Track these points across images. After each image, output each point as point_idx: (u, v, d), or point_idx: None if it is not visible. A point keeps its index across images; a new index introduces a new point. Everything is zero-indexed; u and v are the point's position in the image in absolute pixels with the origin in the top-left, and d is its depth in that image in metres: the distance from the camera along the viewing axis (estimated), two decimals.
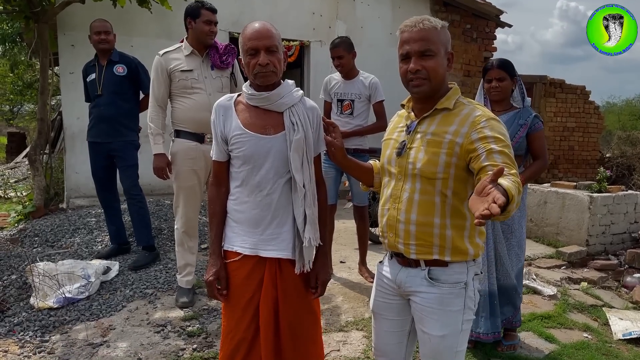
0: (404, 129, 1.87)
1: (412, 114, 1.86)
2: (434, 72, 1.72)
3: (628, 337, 3.55)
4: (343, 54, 3.99)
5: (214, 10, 3.53)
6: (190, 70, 3.48)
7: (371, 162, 2.12)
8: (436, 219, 1.75)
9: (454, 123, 1.72)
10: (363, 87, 4.06)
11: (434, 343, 1.78)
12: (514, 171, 1.53)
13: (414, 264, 1.82)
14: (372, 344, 2.07)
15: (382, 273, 1.97)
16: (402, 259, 1.86)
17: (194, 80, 3.48)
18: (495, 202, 1.27)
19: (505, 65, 3.06)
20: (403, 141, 1.83)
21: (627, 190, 5.74)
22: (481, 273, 1.87)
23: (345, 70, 4.07)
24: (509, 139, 1.66)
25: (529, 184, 3.12)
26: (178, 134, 3.54)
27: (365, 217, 4.31)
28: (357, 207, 4.26)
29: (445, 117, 1.76)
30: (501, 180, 1.42)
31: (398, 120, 1.96)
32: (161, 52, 3.52)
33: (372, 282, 4.06)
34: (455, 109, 1.76)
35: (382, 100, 4.09)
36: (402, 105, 1.95)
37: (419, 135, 1.79)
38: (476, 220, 1.27)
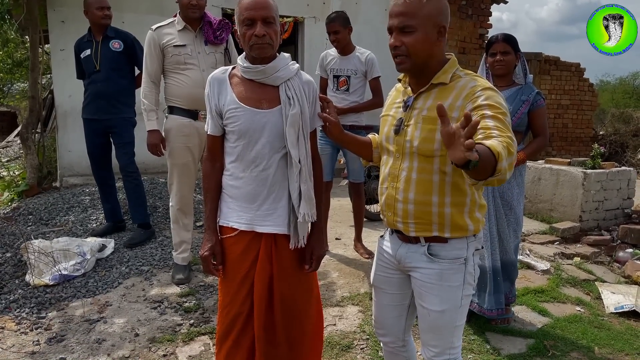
0: (401, 105, 1.83)
1: (409, 89, 1.82)
2: (413, 48, 1.67)
3: (620, 311, 3.60)
4: (339, 28, 3.94)
5: None
6: (184, 46, 3.42)
7: (370, 135, 2.10)
8: (434, 198, 1.73)
9: (450, 97, 1.68)
10: (359, 63, 4.03)
11: (433, 318, 1.78)
12: (507, 134, 1.50)
13: (414, 240, 1.81)
14: (372, 317, 2.09)
15: (383, 248, 1.97)
16: (402, 235, 1.85)
17: (187, 56, 3.42)
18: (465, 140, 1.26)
19: (510, 40, 3.03)
20: (400, 118, 1.80)
21: (620, 167, 5.77)
22: (482, 248, 1.86)
23: (341, 46, 4.02)
24: (507, 109, 1.64)
25: (528, 160, 3.13)
26: (171, 110, 3.50)
27: (361, 194, 4.31)
28: (353, 183, 4.26)
29: (441, 91, 1.72)
30: (488, 141, 1.42)
31: (396, 95, 1.92)
32: (154, 26, 3.45)
33: (368, 258, 4.11)
34: (452, 82, 1.71)
35: (379, 77, 4.06)
36: (399, 80, 1.91)
37: (415, 112, 1.75)
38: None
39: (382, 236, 2.03)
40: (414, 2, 1.65)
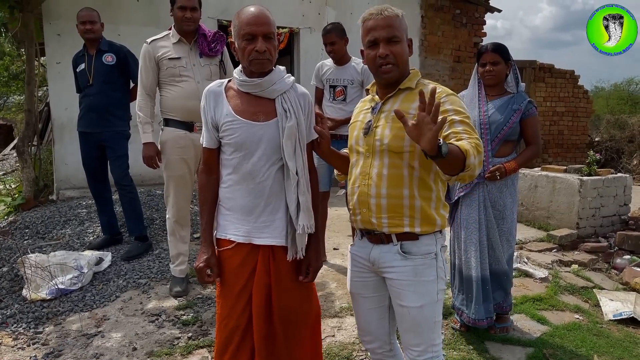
0: (369, 111, 1.99)
1: (377, 96, 1.99)
2: (400, 57, 1.85)
3: (618, 318, 3.59)
4: (335, 40, 3.97)
5: None
6: (178, 58, 3.43)
7: (345, 150, 2.18)
8: (405, 190, 1.85)
9: (416, 100, 1.75)
10: (355, 72, 4.05)
11: (412, 315, 1.86)
12: (474, 135, 1.73)
13: (386, 239, 1.91)
14: (357, 326, 2.14)
15: (355, 253, 2.06)
16: (372, 236, 1.95)
17: (182, 68, 3.43)
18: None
19: (500, 49, 3.05)
20: (369, 121, 1.95)
21: (616, 174, 5.79)
22: (446, 246, 1.97)
23: (338, 57, 4.05)
24: (469, 118, 1.82)
25: (520, 169, 3.15)
26: (167, 122, 3.51)
27: None
28: None
29: (407, 95, 1.89)
30: (459, 142, 1.65)
31: (362, 105, 2.09)
32: (149, 39, 3.47)
33: None
34: (417, 88, 1.87)
35: None
36: (367, 91, 2.08)
37: (383, 114, 1.92)
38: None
39: (352, 244, 2.12)
40: (392, 16, 1.86)
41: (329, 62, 4.17)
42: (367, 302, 2.05)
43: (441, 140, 1.55)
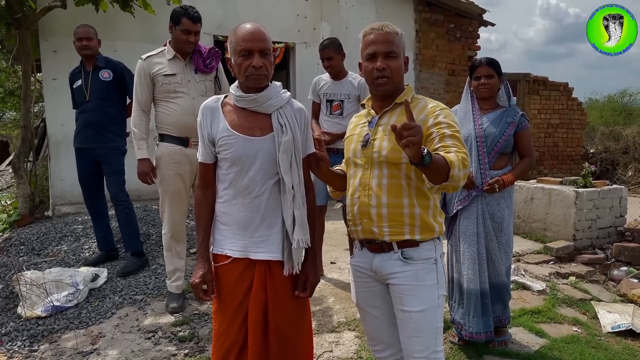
0: (366, 124, 2.04)
1: (373, 111, 2.05)
2: (396, 71, 1.95)
3: (617, 330, 3.58)
4: (333, 55, 4.01)
5: (195, 20, 3.43)
6: (174, 75, 3.44)
7: (339, 167, 2.23)
8: (405, 200, 1.92)
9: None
10: (352, 87, 4.08)
11: (415, 319, 1.90)
12: (463, 150, 1.81)
13: (387, 247, 1.95)
14: (366, 336, 2.15)
15: (356, 264, 2.09)
16: (373, 246, 1.99)
17: (177, 85, 3.44)
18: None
19: (494, 63, 3.09)
20: (367, 134, 2.00)
21: (611, 185, 5.81)
22: (444, 254, 2.04)
23: (335, 71, 4.08)
24: (460, 132, 1.89)
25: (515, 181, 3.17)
26: (162, 137, 3.51)
27: None
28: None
29: (403, 110, 1.90)
30: (445, 154, 1.73)
31: (358, 120, 2.15)
32: (144, 56, 3.49)
33: None
34: (412, 103, 1.95)
35: None
36: (363, 105, 2.15)
37: (381, 128, 1.98)
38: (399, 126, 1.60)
39: (351, 257, 2.15)
40: (392, 33, 1.95)
41: (325, 76, 4.20)
42: (375, 312, 2.08)
43: (425, 149, 1.63)
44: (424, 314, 1.89)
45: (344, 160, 2.18)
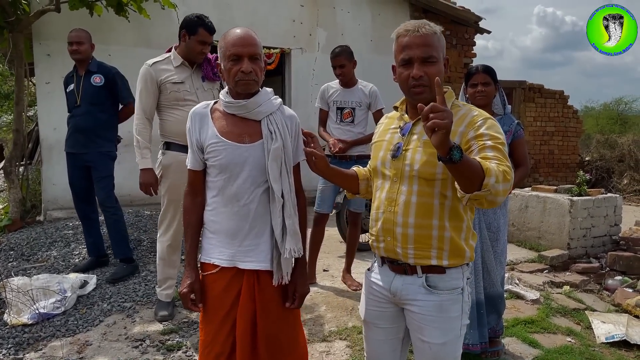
0: (397, 130, 1.84)
1: (406, 115, 1.84)
2: (435, 78, 1.66)
3: (611, 341, 3.56)
4: (345, 62, 4.01)
5: (212, 31, 3.38)
6: (182, 82, 3.35)
7: (354, 168, 2.10)
8: (435, 221, 1.72)
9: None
10: (363, 95, 4.08)
11: (434, 351, 1.75)
12: (505, 163, 1.56)
13: (410, 270, 1.78)
14: (365, 354, 2.03)
15: (373, 281, 1.92)
16: (395, 266, 1.82)
17: (186, 92, 3.34)
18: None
19: (490, 71, 3.09)
20: (398, 143, 1.80)
21: (606, 194, 5.80)
22: (470, 278, 1.85)
23: (346, 79, 4.08)
24: (505, 139, 1.68)
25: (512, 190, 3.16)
26: (168, 146, 3.39)
27: (358, 225, 4.29)
28: (353, 213, 4.26)
29: None
30: (483, 161, 1.51)
31: (389, 122, 1.94)
32: (150, 62, 3.36)
33: (356, 290, 4.04)
34: (452, 110, 1.67)
35: (382, 109, 4.10)
36: (395, 108, 1.93)
37: (415, 137, 1.77)
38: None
39: (369, 269, 1.99)
40: (429, 34, 1.70)
41: (334, 84, 4.19)
42: (381, 333, 1.92)
43: (455, 143, 1.43)
44: (444, 347, 1.74)
45: (368, 164, 2.05)
